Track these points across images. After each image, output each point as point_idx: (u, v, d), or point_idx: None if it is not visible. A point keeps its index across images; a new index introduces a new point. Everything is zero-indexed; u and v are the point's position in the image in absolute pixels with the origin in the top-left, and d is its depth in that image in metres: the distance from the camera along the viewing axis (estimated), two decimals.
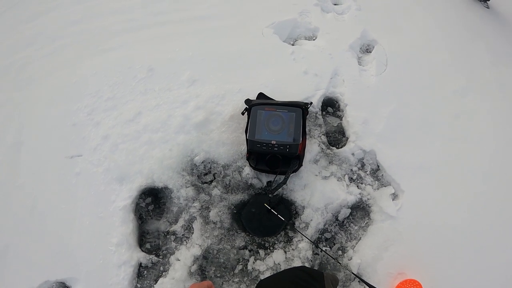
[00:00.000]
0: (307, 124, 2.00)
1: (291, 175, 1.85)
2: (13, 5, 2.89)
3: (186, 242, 1.79)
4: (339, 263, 1.66)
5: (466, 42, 2.60)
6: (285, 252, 1.77)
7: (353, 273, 1.57)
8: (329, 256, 1.78)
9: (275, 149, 1.74)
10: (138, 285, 1.70)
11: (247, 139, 1.79)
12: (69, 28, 2.62)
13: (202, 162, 1.92)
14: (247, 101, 1.92)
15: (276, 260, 1.74)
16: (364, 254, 1.76)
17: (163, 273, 1.73)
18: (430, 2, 2.83)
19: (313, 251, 1.78)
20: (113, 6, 2.72)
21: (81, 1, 2.81)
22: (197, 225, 1.80)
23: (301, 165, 1.84)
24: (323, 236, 1.84)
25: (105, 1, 2.78)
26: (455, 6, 2.89)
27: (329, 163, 1.96)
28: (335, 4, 2.77)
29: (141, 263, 1.73)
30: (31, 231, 1.81)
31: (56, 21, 2.69)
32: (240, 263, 1.77)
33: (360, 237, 1.83)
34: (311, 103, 1.96)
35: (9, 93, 2.30)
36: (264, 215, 1.79)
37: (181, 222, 1.82)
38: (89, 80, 2.26)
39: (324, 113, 2.16)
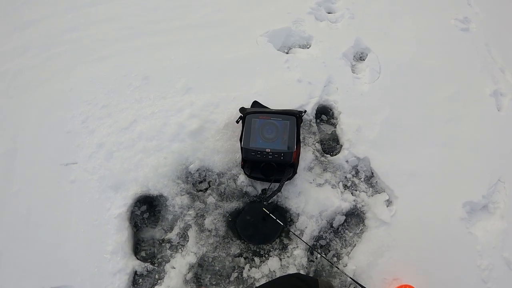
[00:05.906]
0: (301, 132, 2.01)
1: (286, 182, 1.85)
2: (6, 12, 2.89)
3: (181, 250, 1.79)
4: (337, 267, 1.66)
5: (457, 48, 2.64)
6: (280, 259, 1.77)
7: (350, 277, 1.58)
8: (324, 263, 1.78)
9: (269, 157, 1.74)
10: None
11: (241, 147, 1.80)
12: (64, 35, 2.63)
13: (197, 170, 1.93)
14: (242, 110, 1.93)
15: (271, 267, 1.75)
16: (359, 260, 1.77)
17: (158, 281, 1.73)
18: (421, 10, 2.87)
19: (308, 258, 1.78)
20: (109, 14, 2.73)
21: (76, 8, 2.81)
22: (192, 233, 1.80)
23: (296, 172, 1.86)
24: (318, 243, 1.84)
25: (100, 9, 2.79)
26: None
27: (324, 170, 1.98)
28: (329, 13, 2.80)
29: (136, 271, 1.73)
30: (25, 238, 1.80)
31: (51, 28, 2.69)
32: (235, 271, 1.77)
33: (355, 244, 1.84)
34: (305, 111, 1.98)
35: (3, 100, 2.30)
36: (259, 223, 1.80)
37: (176, 230, 1.82)
38: (84, 88, 2.26)
39: (318, 121, 2.18)
